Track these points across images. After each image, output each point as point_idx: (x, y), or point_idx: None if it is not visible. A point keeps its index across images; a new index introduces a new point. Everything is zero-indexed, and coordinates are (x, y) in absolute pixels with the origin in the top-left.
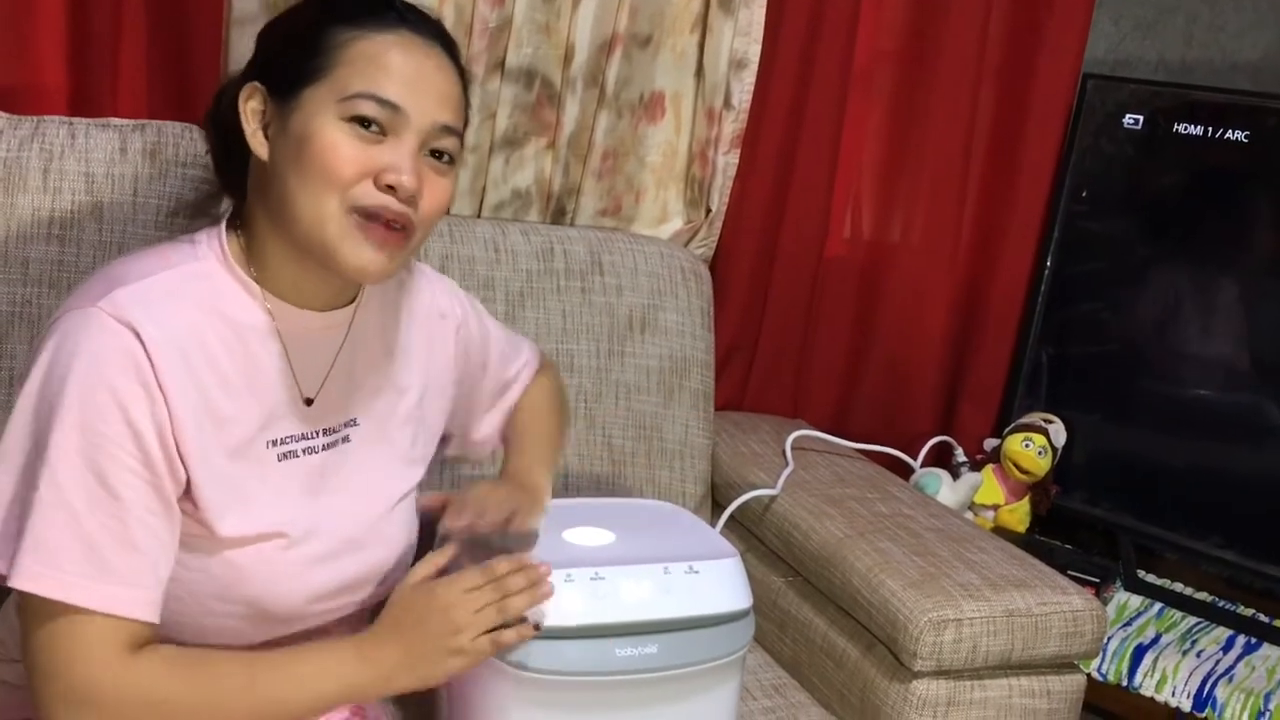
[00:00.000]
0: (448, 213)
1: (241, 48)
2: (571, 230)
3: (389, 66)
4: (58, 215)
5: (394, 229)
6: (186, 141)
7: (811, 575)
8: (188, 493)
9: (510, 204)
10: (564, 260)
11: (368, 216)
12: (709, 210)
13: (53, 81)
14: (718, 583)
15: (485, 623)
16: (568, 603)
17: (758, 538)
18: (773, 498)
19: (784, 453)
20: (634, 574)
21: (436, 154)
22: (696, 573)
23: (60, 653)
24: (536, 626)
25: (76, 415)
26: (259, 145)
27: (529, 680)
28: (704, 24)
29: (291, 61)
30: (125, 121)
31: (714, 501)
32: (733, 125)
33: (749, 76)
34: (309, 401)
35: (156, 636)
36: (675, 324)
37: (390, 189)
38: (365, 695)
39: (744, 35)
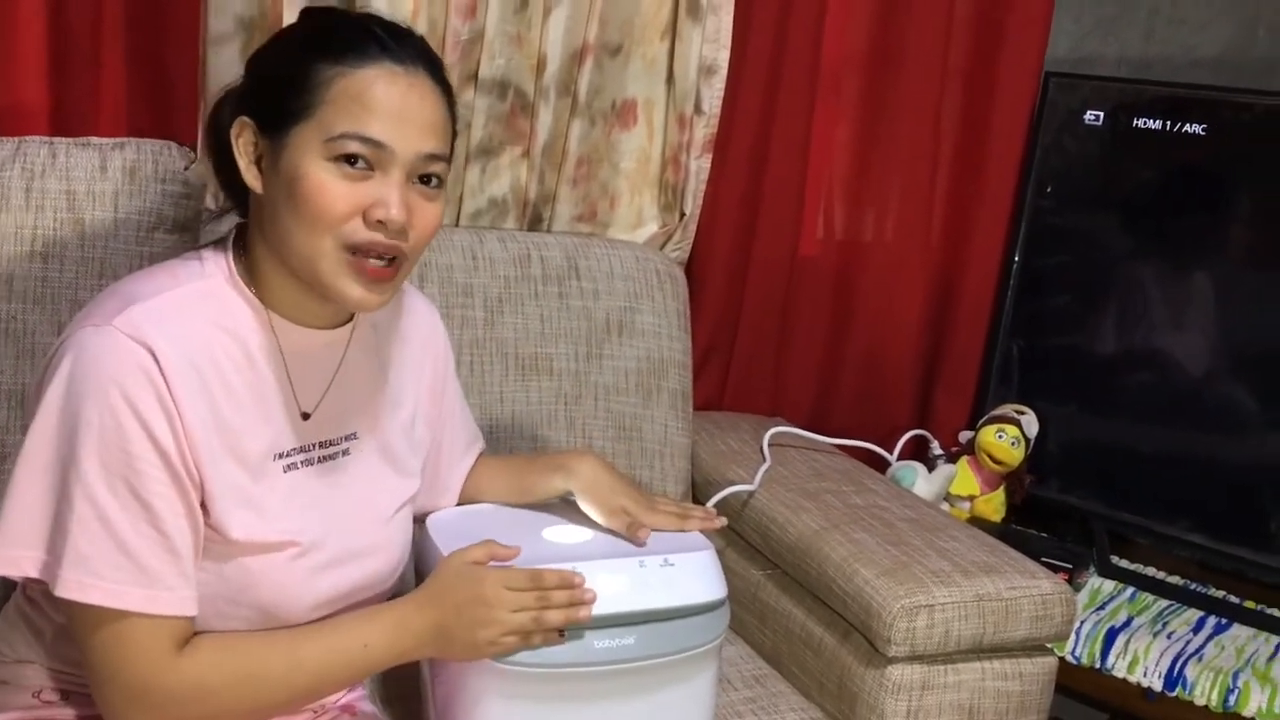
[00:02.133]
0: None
1: (218, 66)
2: (548, 237)
3: (372, 104)
4: (40, 233)
5: (385, 263)
6: (166, 158)
7: (789, 567)
8: (201, 500)
9: (487, 212)
10: (541, 266)
11: (359, 253)
12: (683, 214)
13: (34, 102)
14: (692, 574)
15: (518, 626)
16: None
17: (737, 533)
18: (751, 493)
19: (762, 450)
20: (610, 568)
21: (424, 179)
22: (672, 565)
23: (113, 656)
24: (561, 633)
25: (100, 435)
26: (253, 180)
27: (510, 673)
28: (673, 32)
29: (278, 99)
30: (105, 140)
31: (694, 499)
32: (704, 130)
33: (719, 82)
34: (305, 416)
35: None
36: (652, 326)
37: (380, 224)
38: (400, 660)
39: (712, 42)
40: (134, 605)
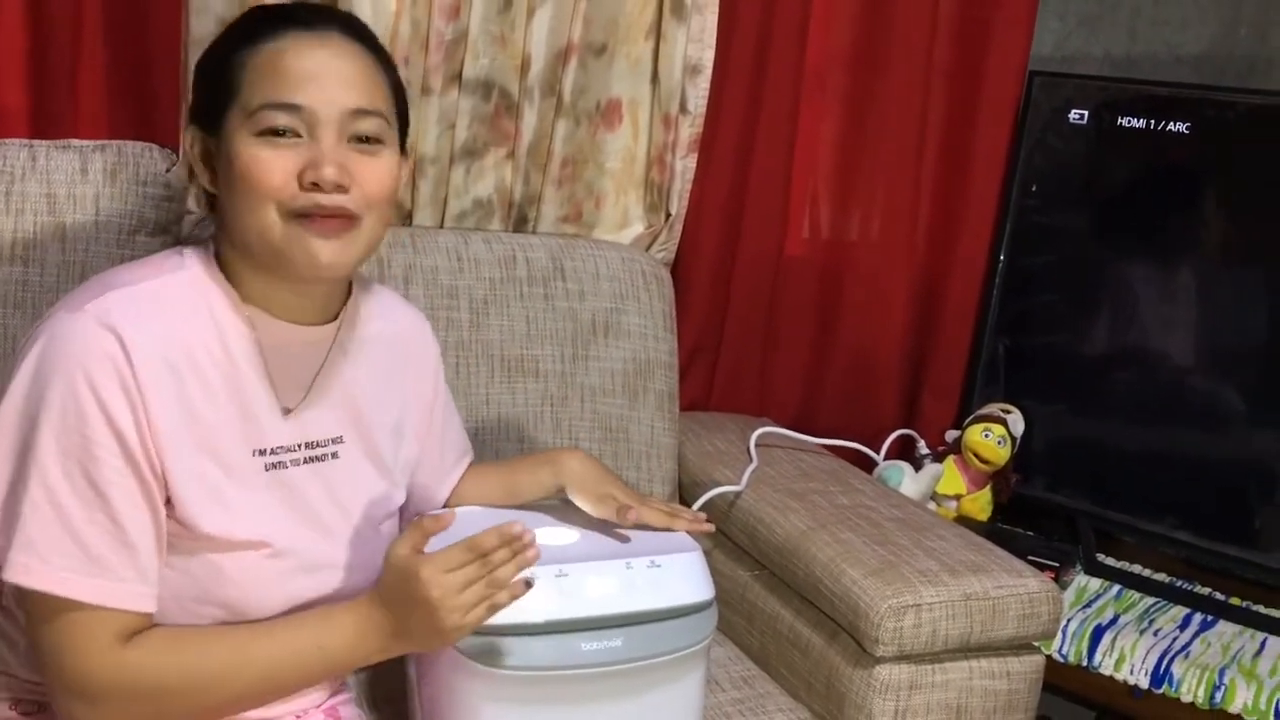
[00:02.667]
0: (412, 215)
1: None
2: (533, 238)
3: (284, 71)
4: (20, 236)
5: (331, 217)
6: (147, 161)
7: (776, 568)
8: (166, 494)
9: (472, 213)
10: (526, 267)
11: (303, 216)
12: (669, 214)
13: (13, 105)
14: (680, 576)
15: (473, 600)
16: (533, 600)
17: (724, 534)
18: (738, 494)
19: (749, 450)
20: (598, 570)
21: (360, 139)
22: (659, 567)
23: (57, 645)
24: (528, 584)
25: (61, 418)
26: (207, 181)
27: (498, 677)
28: (658, 31)
29: (209, 94)
30: (85, 142)
31: (681, 500)
32: (689, 130)
33: (703, 82)
34: (286, 411)
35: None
36: (638, 327)
37: (314, 186)
38: (365, 661)
39: (697, 41)
40: (80, 594)
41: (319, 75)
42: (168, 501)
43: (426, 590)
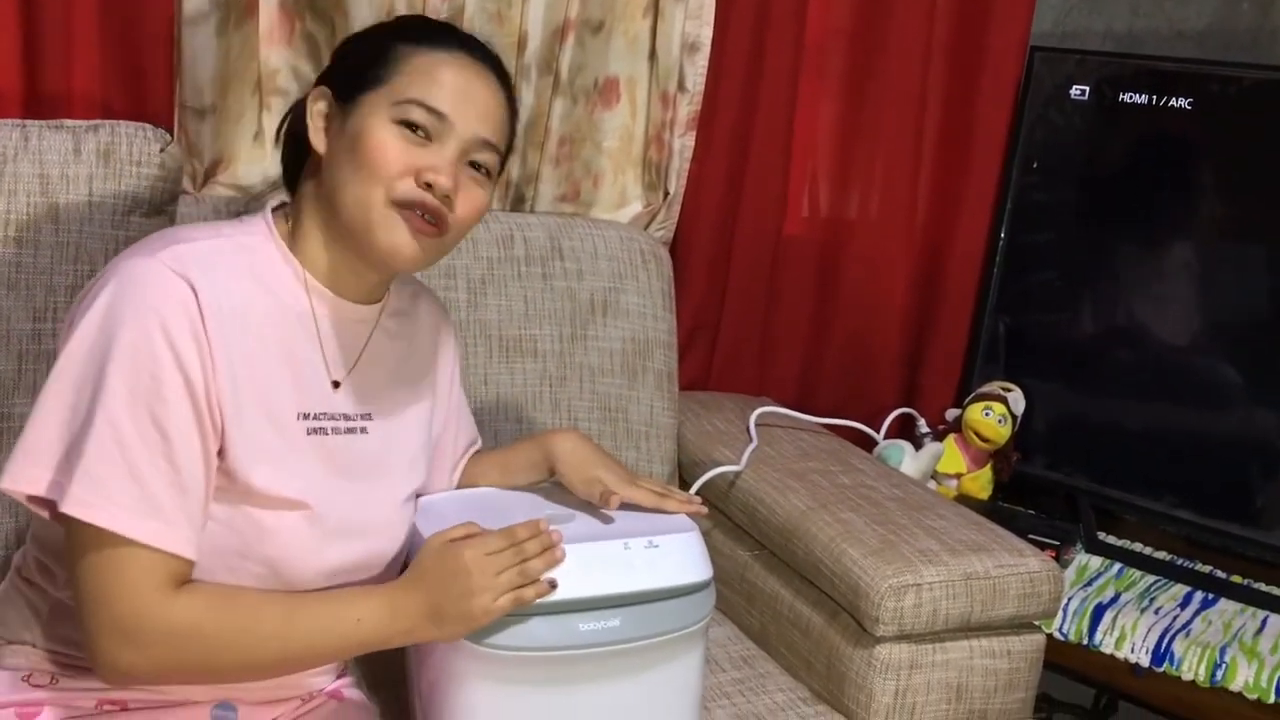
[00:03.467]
0: None
1: (193, 46)
2: (531, 217)
3: (441, 79)
4: (13, 217)
5: (428, 222)
6: (140, 141)
7: (776, 548)
8: (220, 445)
9: None
10: (524, 247)
11: (405, 207)
12: (667, 193)
13: (7, 86)
14: (677, 556)
15: (505, 585)
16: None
17: (724, 513)
18: (737, 474)
19: (748, 430)
20: (595, 550)
21: (475, 165)
22: (656, 547)
23: (108, 583)
24: (552, 584)
25: (133, 359)
26: (319, 141)
27: (496, 657)
28: (655, 9)
29: (357, 70)
30: (78, 123)
31: (680, 479)
32: (687, 108)
33: (701, 59)
34: (336, 385)
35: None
36: (636, 306)
37: (428, 187)
38: (390, 643)
39: (695, 18)
40: (136, 534)
41: (468, 96)
42: (220, 452)
43: (467, 569)
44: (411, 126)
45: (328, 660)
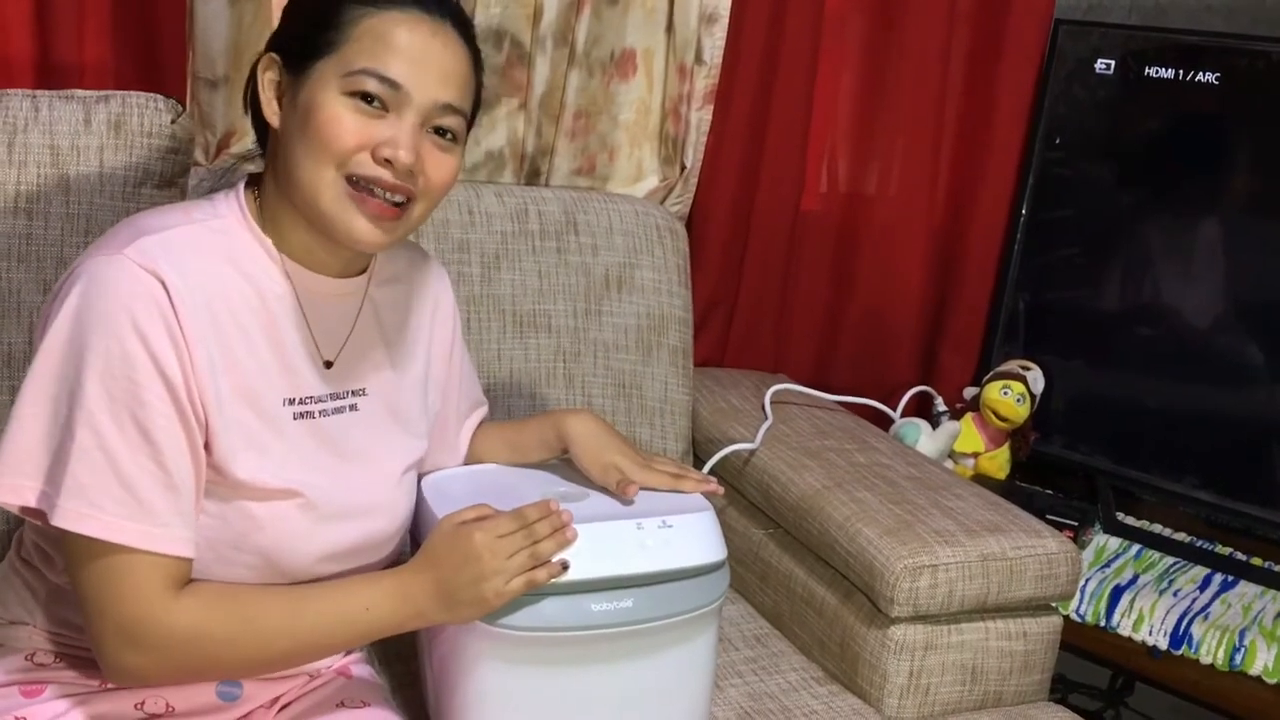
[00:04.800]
0: None
1: (206, 17)
2: (546, 191)
3: (394, 44)
4: (24, 189)
5: (390, 203)
6: (151, 111)
7: (791, 526)
8: (205, 439)
9: (484, 166)
10: (539, 221)
11: (362, 187)
12: (684, 167)
13: (18, 56)
14: (691, 536)
15: (517, 568)
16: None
17: (738, 491)
18: (752, 452)
19: (763, 407)
20: (608, 529)
21: (440, 131)
22: (670, 527)
23: (108, 591)
24: (565, 566)
25: (106, 363)
26: (272, 114)
27: (508, 637)
28: None
29: (305, 35)
30: (89, 93)
31: (695, 457)
32: (705, 81)
33: (720, 31)
34: (328, 364)
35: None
36: (652, 281)
37: (387, 162)
38: (403, 627)
39: None
40: (130, 540)
41: (425, 60)
42: (206, 446)
43: (479, 553)
44: (365, 98)
45: (339, 649)
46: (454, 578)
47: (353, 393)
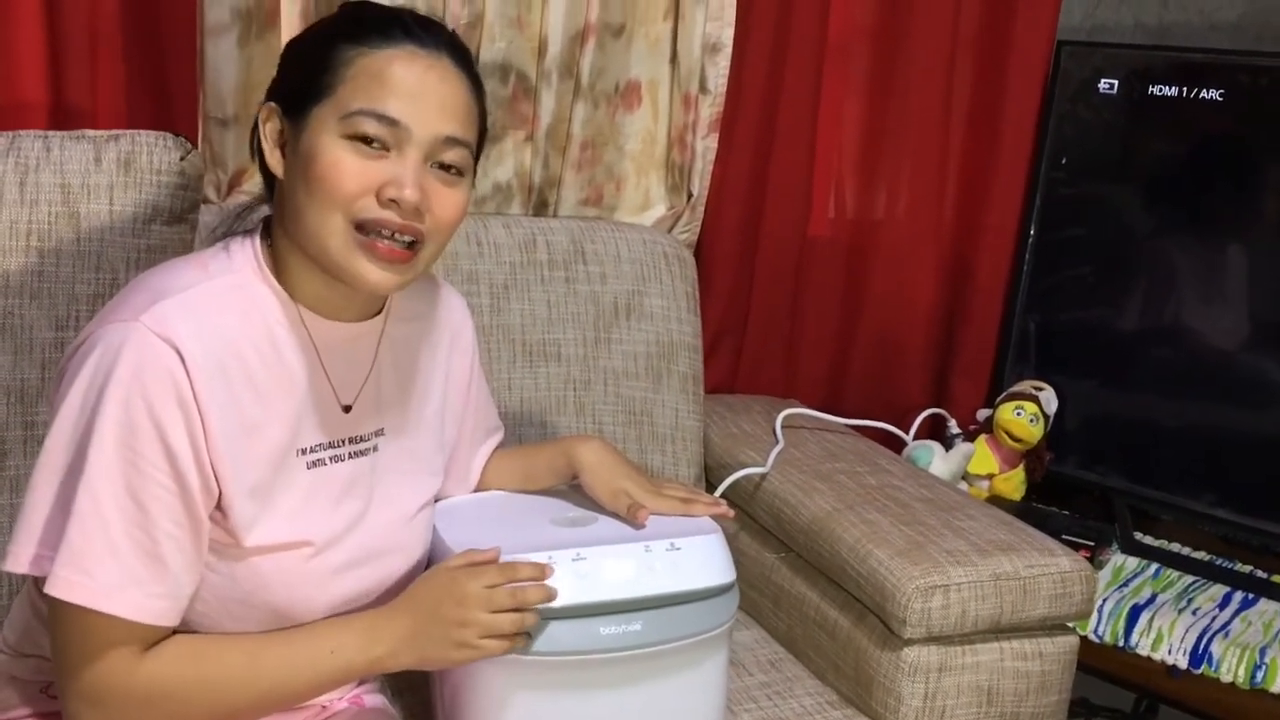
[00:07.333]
0: None
1: (216, 57)
2: (554, 221)
3: (390, 82)
4: (35, 227)
5: (400, 245)
6: (161, 150)
7: (802, 550)
8: (219, 504)
9: (492, 198)
10: (547, 251)
11: (371, 232)
12: (690, 195)
13: (33, 99)
14: (699, 558)
15: (499, 626)
16: (551, 583)
17: (750, 515)
18: (763, 475)
19: (775, 431)
20: (616, 553)
21: (444, 166)
22: (678, 549)
23: (77, 652)
24: (529, 635)
25: (114, 431)
26: (275, 164)
27: (518, 662)
28: (676, 10)
29: (301, 80)
30: (99, 132)
31: (707, 482)
32: (710, 109)
33: (723, 60)
34: (347, 409)
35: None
36: (661, 309)
37: (393, 203)
38: (372, 669)
39: (716, 19)
40: (112, 608)
41: (422, 95)
42: (220, 512)
43: (461, 596)
44: (365, 139)
45: (310, 695)
46: (432, 618)
47: (375, 434)
